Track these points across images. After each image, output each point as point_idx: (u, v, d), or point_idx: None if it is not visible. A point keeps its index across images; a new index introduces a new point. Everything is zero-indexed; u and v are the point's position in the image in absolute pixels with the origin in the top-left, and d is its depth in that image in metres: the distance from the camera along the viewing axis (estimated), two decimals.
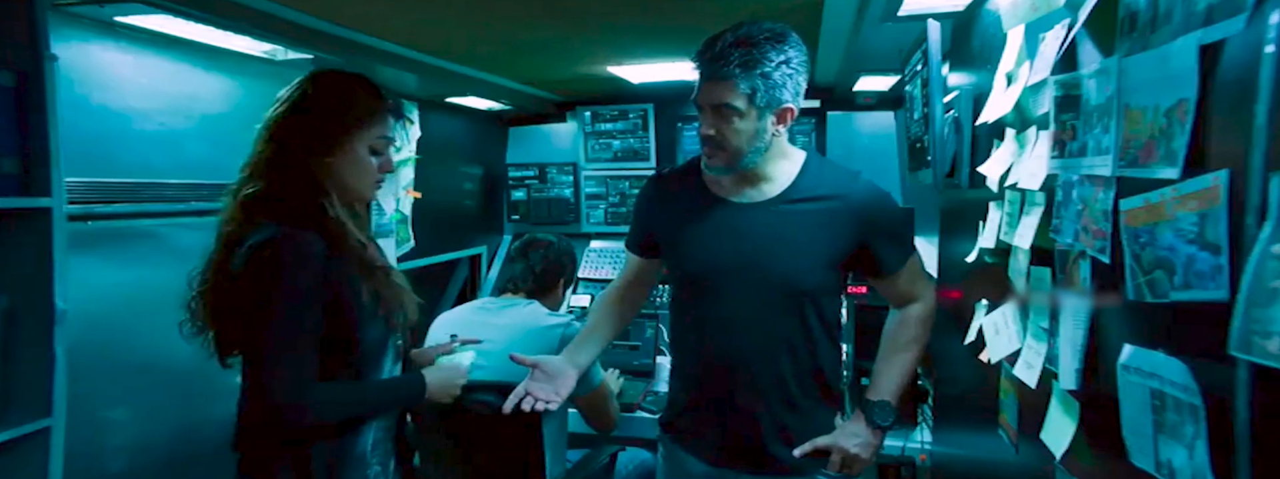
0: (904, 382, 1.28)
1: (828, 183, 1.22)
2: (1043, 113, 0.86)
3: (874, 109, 2.70)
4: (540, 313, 1.78)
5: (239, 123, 1.73)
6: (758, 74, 1.12)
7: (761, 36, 1.13)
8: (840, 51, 1.95)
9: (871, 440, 1.24)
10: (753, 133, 1.15)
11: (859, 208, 1.20)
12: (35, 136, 1.15)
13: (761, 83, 1.12)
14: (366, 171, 1.12)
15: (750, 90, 1.12)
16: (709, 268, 1.26)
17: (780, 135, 1.19)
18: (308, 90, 1.11)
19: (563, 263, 1.91)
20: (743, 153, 1.17)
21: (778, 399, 1.24)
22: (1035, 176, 0.89)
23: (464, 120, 2.75)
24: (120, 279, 1.46)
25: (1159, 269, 0.56)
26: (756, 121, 1.14)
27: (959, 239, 1.39)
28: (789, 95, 1.15)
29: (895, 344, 1.29)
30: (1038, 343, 0.88)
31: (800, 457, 1.23)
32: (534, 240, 1.90)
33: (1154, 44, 0.58)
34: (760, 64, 1.11)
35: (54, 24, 1.16)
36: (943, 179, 1.41)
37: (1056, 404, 0.81)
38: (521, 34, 1.78)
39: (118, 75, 1.44)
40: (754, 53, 1.12)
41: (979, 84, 1.24)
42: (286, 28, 1.49)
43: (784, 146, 1.23)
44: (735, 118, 1.14)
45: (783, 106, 1.15)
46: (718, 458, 1.28)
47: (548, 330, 1.72)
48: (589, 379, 1.74)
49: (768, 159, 1.20)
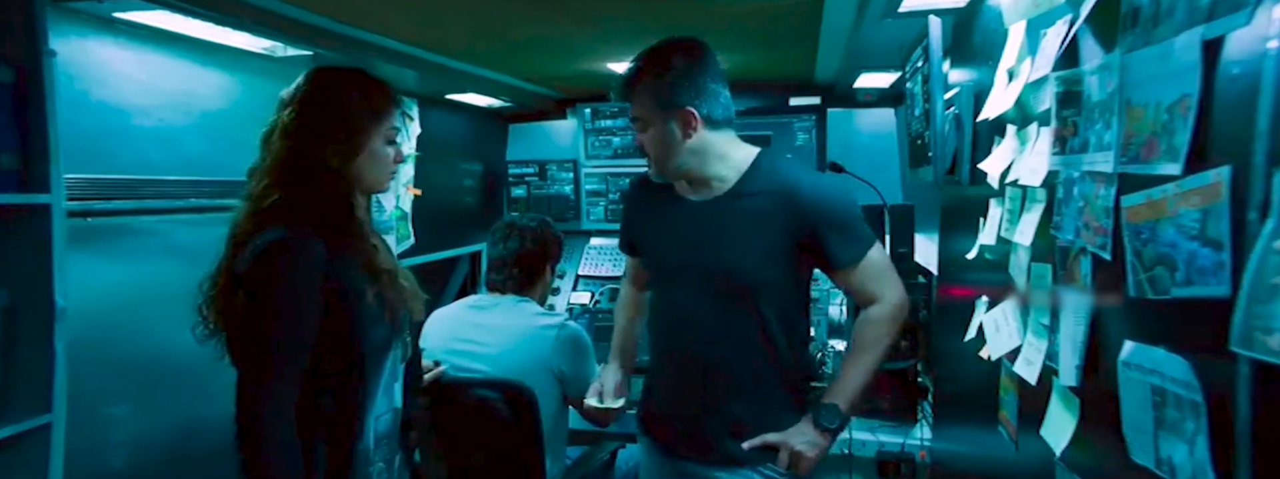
0: (859, 384, 1.26)
1: (775, 178, 1.25)
2: (1044, 109, 0.86)
3: (874, 106, 2.70)
4: (531, 313, 1.75)
5: (238, 119, 1.73)
6: (648, 86, 1.24)
7: (657, 50, 1.26)
8: (840, 49, 1.94)
9: (817, 441, 1.24)
10: (661, 139, 1.24)
11: (802, 199, 1.21)
12: (34, 133, 1.14)
13: (651, 95, 1.23)
14: (385, 164, 1.13)
15: (645, 102, 1.24)
16: (664, 263, 1.37)
17: (696, 137, 1.23)
18: (316, 90, 1.10)
19: (542, 246, 1.83)
20: (662, 159, 1.27)
21: (728, 392, 1.28)
22: (1036, 173, 0.89)
23: (464, 117, 2.75)
24: (120, 276, 1.46)
25: (1160, 265, 0.56)
26: (662, 127, 1.24)
27: (960, 236, 1.39)
28: (685, 99, 1.21)
29: (855, 346, 1.28)
30: (1038, 340, 0.88)
31: (749, 450, 1.25)
32: (511, 226, 1.83)
33: (1156, 39, 0.58)
34: (649, 75, 1.24)
35: (53, 20, 1.16)
36: (943, 176, 1.41)
37: (1057, 401, 0.81)
38: (522, 30, 1.77)
39: (117, 71, 1.44)
40: (645, 66, 1.25)
41: (980, 80, 1.24)
42: (286, 24, 1.48)
43: (722, 147, 1.26)
44: (642, 128, 1.26)
45: (679, 110, 1.22)
46: (675, 447, 1.35)
47: (541, 333, 1.70)
48: (583, 380, 1.72)
49: (706, 160, 1.26)
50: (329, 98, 1.10)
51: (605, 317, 2.49)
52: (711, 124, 1.24)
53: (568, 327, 1.74)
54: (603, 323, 2.46)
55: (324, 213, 1.05)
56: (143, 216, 1.50)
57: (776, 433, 1.25)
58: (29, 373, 1.15)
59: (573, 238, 2.99)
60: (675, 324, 1.34)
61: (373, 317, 1.05)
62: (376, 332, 1.07)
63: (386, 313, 1.07)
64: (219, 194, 1.62)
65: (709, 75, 1.24)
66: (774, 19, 1.66)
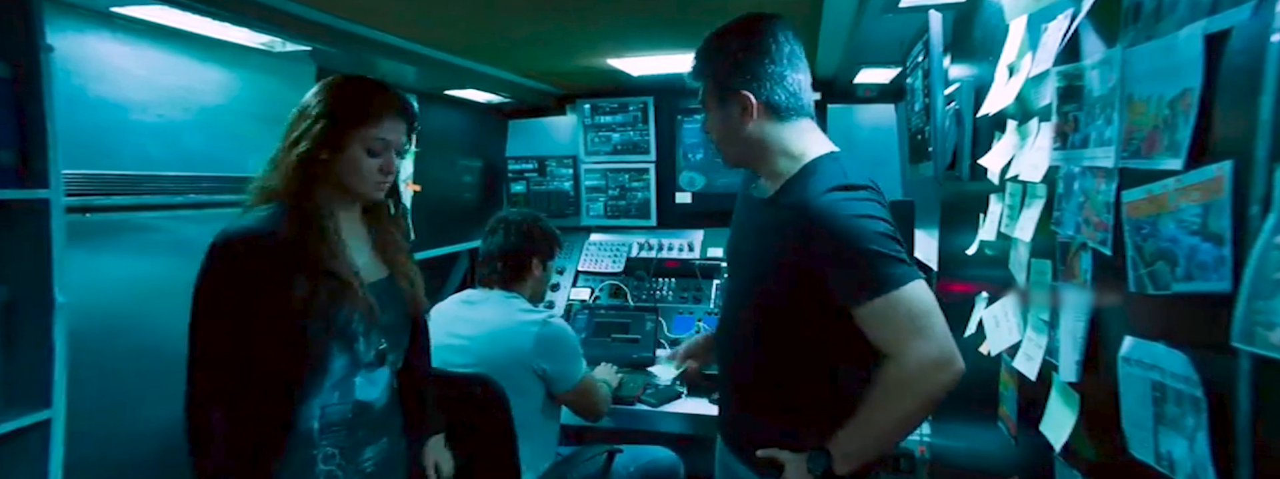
0: (858, 443, 1.04)
1: (803, 187, 1.08)
2: (1045, 104, 0.85)
3: (874, 102, 2.69)
4: (514, 309, 1.75)
5: (237, 115, 1.73)
6: (712, 63, 1.14)
7: (720, 28, 1.15)
8: (841, 44, 1.94)
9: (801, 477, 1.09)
10: (721, 125, 1.16)
11: (807, 220, 1.03)
12: (33, 129, 1.14)
13: (708, 77, 1.15)
14: (362, 171, 1.13)
15: (711, 81, 1.15)
16: (727, 252, 1.38)
17: (754, 125, 1.12)
18: (323, 88, 1.15)
19: (528, 241, 1.82)
20: (723, 146, 1.19)
21: (742, 398, 1.25)
22: (1036, 168, 0.89)
23: (463, 113, 2.74)
24: (120, 271, 1.46)
25: (1161, 261, 0.56)
26: (718, 111, 1.15)
27: (959, 232, 1.39)
28: (739, 82, 1.10)
29: (864, 401, 1.03)
30: (1038, 335, 0.88)
31: (762, 457, 1.15)
32: (499, 221, 1.85)
33: (1159, 33, 0.58)
34: (714, 52, 1.14)
35: (50, 15, 1.15)
36: (943, 172, 1.41)
37: (1056, 396, 0.81)
38: (521, 27, 1.76)
39: (115, 67, 1.43)
40: (703, 46, 1.16)
41: (980, 76, 1.24)
42: (284, 19, 1.48)
43: (787, 140, 1.13)
44: (708, 110, 1.18)
45: (734, 93, 1.11)
46: (720, 425, 1.35)
47: (521, 328, 1.70)
48: (567, 379, 1.75)
49: (766, 153, 1.14)
50: (326, 94, 1.14)
51: (605, 313, 2.49)
52: (774, 112, 1.11)
53: (550, 324, 1.72)
54: (602, 319, 2.46)
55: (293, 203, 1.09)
56: (142, 212, 1.50)
57: (786, 453, 1.13)
58: (29, 368, 1.15)
59: (572, 234, 2.99)
60: (722, 311, 1.32)
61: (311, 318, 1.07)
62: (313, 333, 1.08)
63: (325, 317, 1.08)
64: (216, 190, 1.62)
65: (770, 57, 1.10)
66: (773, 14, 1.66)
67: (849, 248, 1.00)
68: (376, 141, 1.13)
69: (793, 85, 1.12)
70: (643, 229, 2.95)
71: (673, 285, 2.78)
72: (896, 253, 1.00)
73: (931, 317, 0.99)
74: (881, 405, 1.02)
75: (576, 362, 1.76)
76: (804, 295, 1.08)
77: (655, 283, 2.78)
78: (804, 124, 1.14)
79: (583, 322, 2.46)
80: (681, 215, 2.90)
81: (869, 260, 0.99)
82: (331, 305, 1.09)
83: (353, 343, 1.15)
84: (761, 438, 1.17)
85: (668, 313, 2.60)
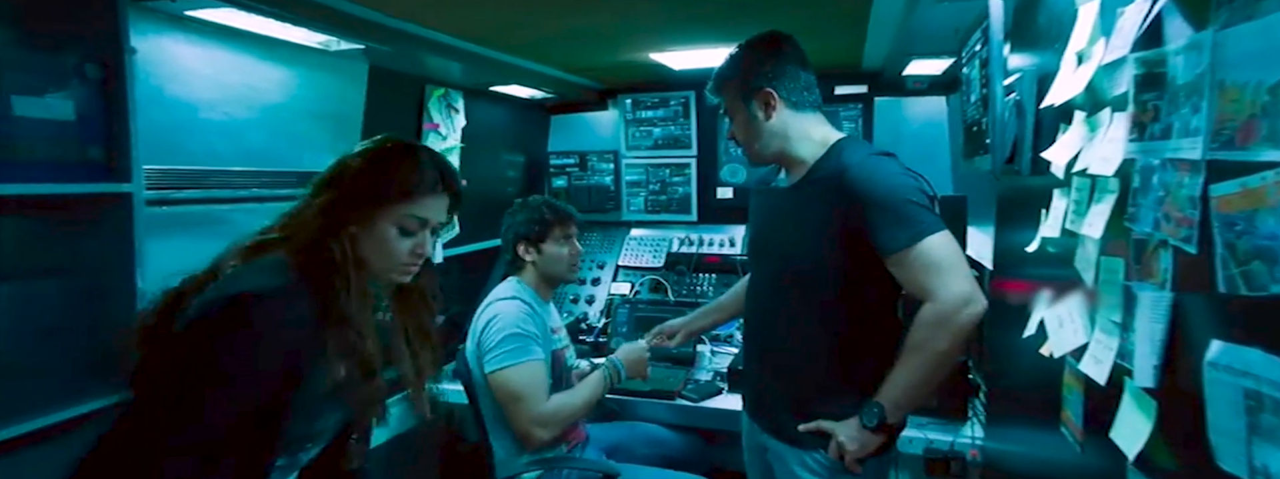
0: (905, 387, 1.21)
1: (836, 160, 1.28)
2: (1119, 93, 0.80)
3: (924, 94, 2.60)
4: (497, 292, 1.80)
5: (295, 112, 1.79)
6: (730, 76, 1.35)
7: (739, 46, 1.38)
8: (891, 34, 1.88)
9: (857, 436, 1.24)
10: (745, 123, 1.34)
11: (847, 179, 1.22)
12: (118, 126, 1.22)
13: (732, 83, 1.34)
14: (388, 252, 0.98)
15: (730, 91, 1.35)
16: (749, 246, 1.51)
17: (778, 118, 1.31)
18: (368, 151, 1.02)
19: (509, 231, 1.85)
20: (750, 141, 1.35)
21: (784, 371, 1.35)
22: (1108, 161, 0.84)
23: (507, 109, 2.78)
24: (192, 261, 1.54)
25: (1257, 260, 0.52)
26: (744, 111, 1.34)
27: (1018, 228, 1.33)
28: (763, 81, 1.31)
29: (904, 347, 1.22)
30: (1108, 337, 0.83)
31: (804, 431, 1.30)
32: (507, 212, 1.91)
33: (1259, 13, 0.53)
34: (735, 63, 1.36)
35: (131, 19, 1.22)
36: (1002, 166, 1.35)
37: (1129, 402, 0.76)
38: (564, 21, 1.77)
39: (187, 68, 1.51)
40: (731, 58, 1.37)
41: (1043, 64, 1.18)
42: (341, 19, 1.53)
43: (805, 129, 1.33)
44: (733, 115, 1.36)
45: (758, 91, 1.31)
46: (751, 413, 1.48)
47: (478, 314, 1.76)
48: (487, 361, 1.64)
49: (790, 141, 1.33)
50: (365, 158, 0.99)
51: (646, 307, 2.49)
52: (793, 105, 1.32)
53: (493, 304, 1.74)
54: (643, 313, 2.46)
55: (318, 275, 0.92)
56: (211, 205, 1.58)
57: (830, 422, 1.27)
58: (113, 353, 1.22)
59: (613, 229, 3.00)
60: (749, 304, 1.46)
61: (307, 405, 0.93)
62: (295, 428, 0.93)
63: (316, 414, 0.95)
64: (275, 184, 1.69)
65: (787, 59, 1.32)
66: (821, 5, 1.62)
67: (891, 199, 1.19)
68: (412, 220, 0.99)
69: (805, 82, 1.33)
70: (683, 224, 2.93)
71: (713, 281, 2.76)
72: (929, 205, 1.22)
73: (961, 259, 1.21)
74: (921, 346, 1.18)
75: (503, 344, 1.64)
76: (858, 256, 1.23)
77: (696, 278, 2.76)
78: (818, 116, 1.36)
79: (623, 316, 2.46)
80: (722, 210, 2.87)
81: (908, 208, 1.19)
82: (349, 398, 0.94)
83: (307, 443, 0.99)
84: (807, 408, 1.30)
85: None
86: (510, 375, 1.65)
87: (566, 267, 1.86)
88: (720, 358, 2.39)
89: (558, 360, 1.85)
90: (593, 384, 1.77)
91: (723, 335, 2.52)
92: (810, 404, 1.30)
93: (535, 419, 1.65)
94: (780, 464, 1.36)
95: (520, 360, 1.66)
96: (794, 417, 1.31)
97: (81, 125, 1.17)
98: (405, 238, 0.99)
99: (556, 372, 1.82)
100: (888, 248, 1.19)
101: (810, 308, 1.30)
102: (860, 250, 1.22)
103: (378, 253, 0.98)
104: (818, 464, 1.29)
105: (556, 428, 1.67)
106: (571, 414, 1.71)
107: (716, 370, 2.24)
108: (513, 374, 1.65)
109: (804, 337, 1.31)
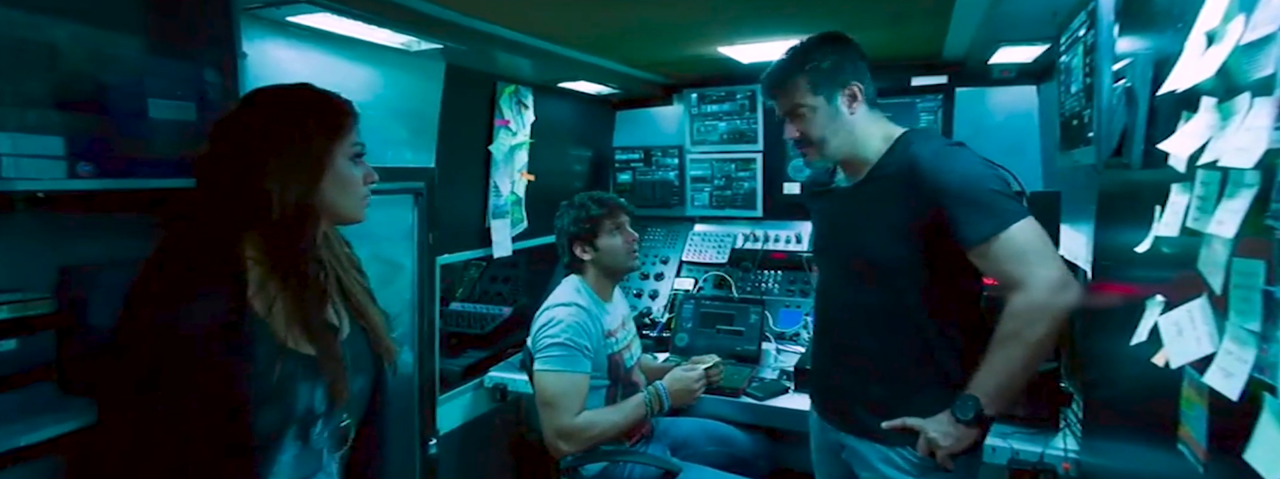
0: (1000, 379, 1.17)
1: (904, 154, 1.25)
2: (1263, 75, 0.72)
3: (1011, 84, 2.45)
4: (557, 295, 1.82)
5: (379, 110, 1.86)
6: (810, 68, 1.30)
7: (804, 42, 1.35)
8: (977, 20, 1.77)
9: (950, 431, 1.20)
10: (826, 121, 1.30)
11: (920, 172, 1.19)
12: None
13: (816, 74, 1.30)
14: (353, 187, 0.98)
15: (811, 83, 1.30)
16: (817, 247, 1.50)
17: (857, 114, 1.30)
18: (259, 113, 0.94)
19: (560, 236, 1.87)
20: (827, 138, 1.31)
21: (862, 369, 1.32)
22: (1246, 152, 0.75)
23: (574, 104, 2.80)
24: None
25: None
26: (827, 107, 1.30)
27: (1124, 227, 1.22)
28: (849, 75, 1.30)
29: (995, 338, 1.19)
30: (1242, 348, 0.75)
31: (888, 428, 1.26)
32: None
33: None
34: (808, 60, 1.31)
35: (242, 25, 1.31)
36: (1107, 158, 1.25)
37: (1270, 420, 0.69)
38: (631, 15, 1.76)
39: (287, 70, 1.61)
40: (797, 55, 1.32)
41: (1160, 48, 1.08)
42: (420, 19, 1.58)
43: (872, 126, 1.32)
44: (807, 112, 1.31)
45: (847, 86, 1.30)
46: (822, 412, 1.46)
47: (541, 311, 1.78)
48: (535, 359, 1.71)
49: (859, 139, 1.32)
50: (276, 119, 0.93)
51: (710, 303, 2.46)
52: (869, 101, 1.32)
53: (549, 308, 1.75)
54: (707, 309, 2.44)
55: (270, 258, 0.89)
56: None
57: (917, 419, 1.24)
58: None
59: (677, 224, 2.98)
60: (822, 304, 1.45)
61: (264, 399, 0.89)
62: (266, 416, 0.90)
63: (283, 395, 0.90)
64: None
65: (860, 54, 1.33)
66: None
67: (969, 189, 1.16)
68: (355, 146, 0.98)
69: (870, 79, 1.34)
70: (748, 220, 2.89)
71: (779, 278, 2.70)
72: (1010, 193, 1.19)
73: (1050, 245, 1.17)
74: (1014, 336, 1.14)
75: (551, 350, 1.67)
76: (934, 249, 1.21)
77: (760, 275, 2.72)
78: (881, 114, 1.36)
79: (688, 311, 2.45)
80: (788, 206, 2.81)
81: (989, 197, 1.15)
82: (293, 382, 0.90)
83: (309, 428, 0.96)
84: (889, 405, 1.27)
85: (773, 305, 2.54)
86: (550, 381, 1.68)
87: (625, 256, 1.85)
88: (786, 356, 2.34)
89: (615, 365, 1.82)
90: (629, 409, 1.76)
91: (789, 334, 2.47)
92: (892, 401, 1.27)
93: (560, 431, 1.66)
94: (860, 462, 1.33)
95: (562, 369, 1.68)
96: (874, 414, 1.28)
97: (202, 126, 1.25)
98: (356, 167, 1.00)
99: (613, 375, 1.82)
100: (970, 239, 1.15)
101: (889, 305, 1.27)
102: (938, 244, 1.20)
103: (343, 194, 0.98)
104: (905, 460, 1.26)
105: (580, 444, 1.67)
106: (599, 434, 1.69)
107: (783, 369, 2.20)
108: (553, 381, 1.68)
109: (884, 334, 1.28)
